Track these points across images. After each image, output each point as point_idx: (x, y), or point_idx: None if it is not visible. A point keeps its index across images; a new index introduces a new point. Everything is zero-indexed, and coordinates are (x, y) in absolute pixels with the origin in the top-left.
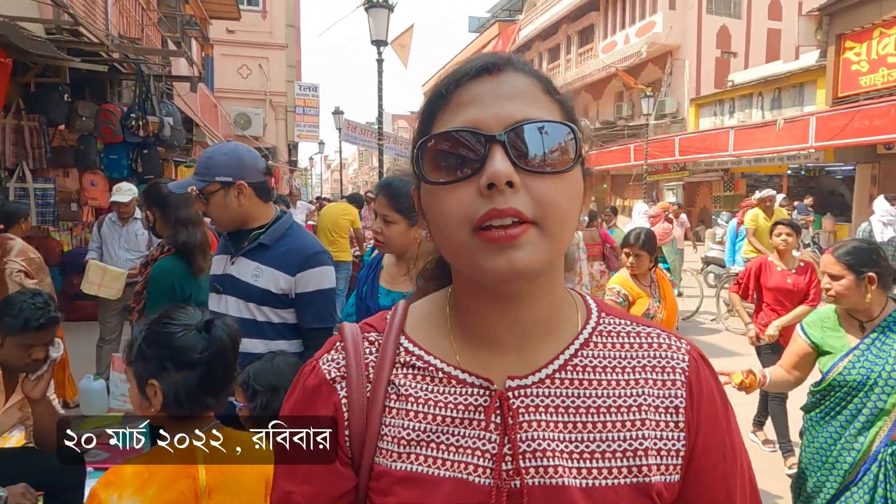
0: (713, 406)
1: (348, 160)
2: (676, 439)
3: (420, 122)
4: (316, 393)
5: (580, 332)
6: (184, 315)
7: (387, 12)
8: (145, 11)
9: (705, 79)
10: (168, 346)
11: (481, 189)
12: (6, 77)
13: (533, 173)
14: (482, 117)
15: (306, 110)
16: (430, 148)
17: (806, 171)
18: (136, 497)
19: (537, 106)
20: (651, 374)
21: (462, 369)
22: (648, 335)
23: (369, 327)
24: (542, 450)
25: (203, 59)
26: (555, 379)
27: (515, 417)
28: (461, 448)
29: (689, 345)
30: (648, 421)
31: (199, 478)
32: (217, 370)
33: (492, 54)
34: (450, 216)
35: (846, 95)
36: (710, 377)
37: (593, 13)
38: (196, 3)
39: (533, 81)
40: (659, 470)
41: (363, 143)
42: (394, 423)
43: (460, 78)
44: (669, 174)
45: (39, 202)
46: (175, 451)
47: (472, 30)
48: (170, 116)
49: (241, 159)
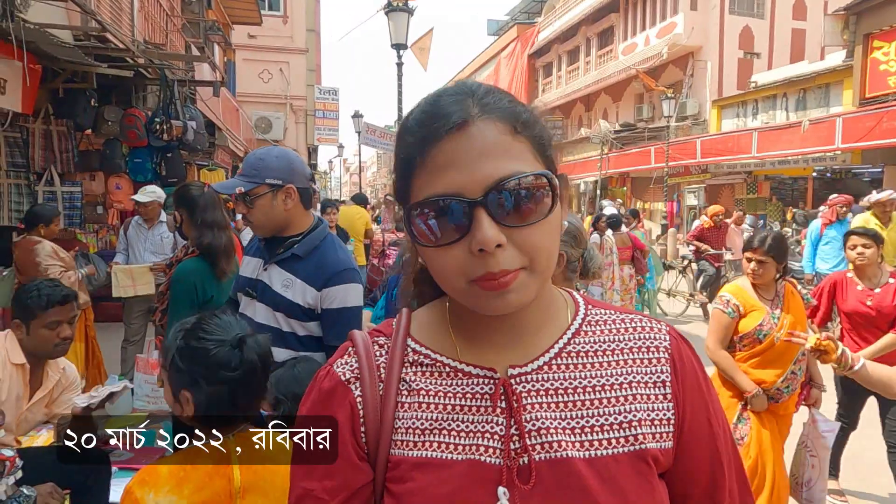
0: (695, 378)
1: (367, 163)
2: (666, 409)
3: (397, 181)
4: (332, 394)
5: (571, 323)
6: (219, 328)
7: (407, 16)
8: (170, 17)
9: (727, 80)
10: (202, 362)
11: (472, 251)
12: (36, 83)
13: (518, 228)
14: (461, 182)
15: (326, 114)
16: (415, 214)
17: (832, 173)
18: (172, 496)
19: (510, 156)
20: (638, 354)
21: (466, 363)
22: (632, 321)
23: (378, 332)
24: (545, 427)
25: (225, 64)
26: (552, 365)
27: (520, 401)
28: (471, 433)
29: (669, 326)
30: (639, 395)
31: (234, 478)
32: (247, 387)
33: (455, 99)
34: (447, 271)
35: (874, 96)
36: (689, 353)
37: (613, 15)
38: (219, 9)
39: (500, 127)
40: (654, 438)
41: (382, 147)
42: (407, 416)
43: (430, 140)
44: (691, 177)
45: (67, 205)
46: (210, 452)
47: (491, 33)
48: (193, 120)
49: (291, 163)
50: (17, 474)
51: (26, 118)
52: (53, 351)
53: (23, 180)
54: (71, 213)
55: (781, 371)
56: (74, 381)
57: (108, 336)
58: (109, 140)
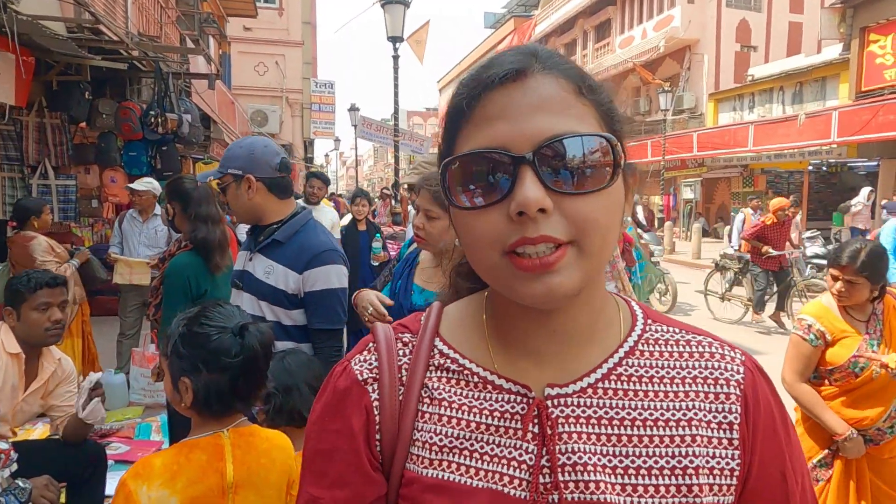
0: (771, 421)
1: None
2: (730, 458)
3: (443, 139)
4: (347, 395)
5: (625, 339)
6: (221, 315)
7: (403, 8)
8: (164, 9)
9: (724, 73)
10: (203, 347)
11: (512, 215)
12: (29, 75)
13: (568, 195)
14: (509, 135)
15: (322, 107)
16: (454, 170)
17: (828, 166)
18: (165, 489)
19: (569, 115)
20: (703, 387)
21: (499, 375)
22: (700, 343)
23: (403, 328)
24: (582, 463)
25: (220, 57)
26: (597, 388)
27: (554, 427)
28: (496, 457)
29: (745, 355)
30: (699, 437)
31: (227, 473)
32: (247, 375)
33: (515, 53)
34: (480, 241)
35: (870, 89)
36: (767, 390)
37: (610, 8)
38: (214, 1)
39: (563, 83)
40: (711, 490)
41: (379, 140)
42: (426, 429)
43: (482, 89)
44: (687, 170)
45: (61, 199)
46: (204, 446)
47: (488, 25)
48: (188, 113)
49: (252, 153)
50: (13, 467)
51: (20, 111)
52: (45, 336)
53: (17, 174)
54: (66, 207)
55: (884, 408)
56: (71, 374)
57: (103, 330)
58: (104, 133)
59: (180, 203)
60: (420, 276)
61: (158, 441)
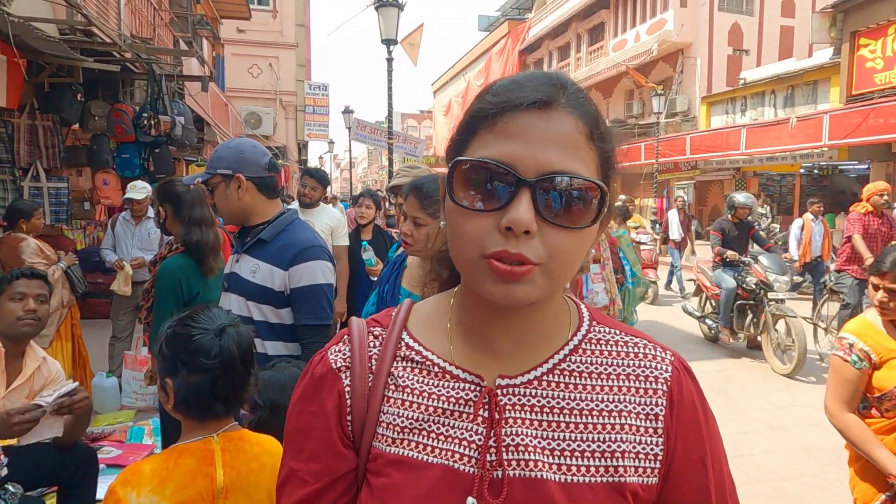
0: (694, 414)
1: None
2: (654, 444)
3: (459, 133)
4: (322, 380)
5: (570, 338)
6: (206, 317)
7: (397, 11)
8: (157, 11)
9: (717, 77)
10: (183, 348)
11: (500, 227)
12: (20, 77)
13: (551, 224)
14: (520, 156)
15: (316, 109)
16: (464, 170)
17: (819, 169)
18: (154, 495)
19: (575, 157)
20: (634, 383)
21: (456, 365)
22: (636, 345)
23: (375, 322)
24: (524, 445)
25: (214, 59)
26: (542, 381)
27: (502, 413)
28: (449, 437)
29: (675, 355)
30: (627, 425)
31: (217, 478)
32: (226, 377)
33: (547, 82)
34: (466, 238)
35: (861, 93)
36: (691, 387)
37: (603, 11)
38: (207, 3)
39: (579, 125)
40: (636, 472)
41: (373, 143)
42: (391, 412)
43: (509, 107)
44: (680, 173)
45: (53, 201)
46: (193, 451)
47: (482, 28)
48: (181, 116)
49: (241, 153)
50: (2, 472)
51: (11, 113)
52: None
53: (8, 176)
54: (57, 210)
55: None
56: (58, 375)
57: (95, 333)
58: (96, 135)
59: (172, 206)
60: (407, 280)
61: (150, 445)
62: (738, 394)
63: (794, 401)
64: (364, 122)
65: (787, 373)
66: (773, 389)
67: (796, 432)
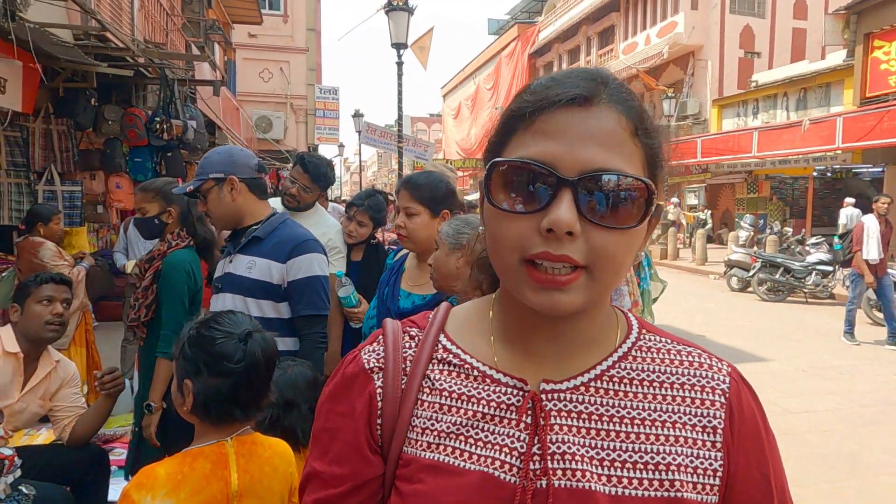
0: (754, 429)
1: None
2: (713, 459)
3: (496, 134)
4: (354, 380)
5: (619, 345)
6: (230, 322)
7: (407, 15)
8: (170, 17)
9: (728, 80)
10: (207, 350)
11: (541, 229)
12: (36, 82)
13: (596, 225)
14: (560, 155)
15: (326, 113)
16: (502, 171)
17: (833, 172)
18: (170, 499)
19: (619, 153)
20: (689, 392)
21: (498, 369)
22: (689, 354)
23: (412, 323)
24: (570, 453)
25: (225, 63)
26: (590, 387)
27: (547, 419)
28: (490, 444)
29: (731, 367)
30: (682, 437)
31: (232, 481)
32: (248, 384)
33: (587, 78)
34: (505, 242)
35: (875, 95)
36: (751, 400)
37: (614, 14)
38: (219, 8)
39: (622, 121)
40: (695, 488)
41: (383, 146)
42: (425, 415)
43: (547, 105)
44: (691, 176)
45: (67, 204)
46: (208, 454)
47: (492, 32)
48: (193, 120)
49: (231, 156)
50: (16, 473)
51: (26, 117)
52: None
53: (23, 179)
54: (71, 213)
55: None
56: (74, 377)
57: (107, 336)
58: (110, 139)
59: (180, 206)
60: (406, 282)
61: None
62: None
63: (807, 406)
64: (374, 126)
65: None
66: (785, 395)
67: (810, 438)
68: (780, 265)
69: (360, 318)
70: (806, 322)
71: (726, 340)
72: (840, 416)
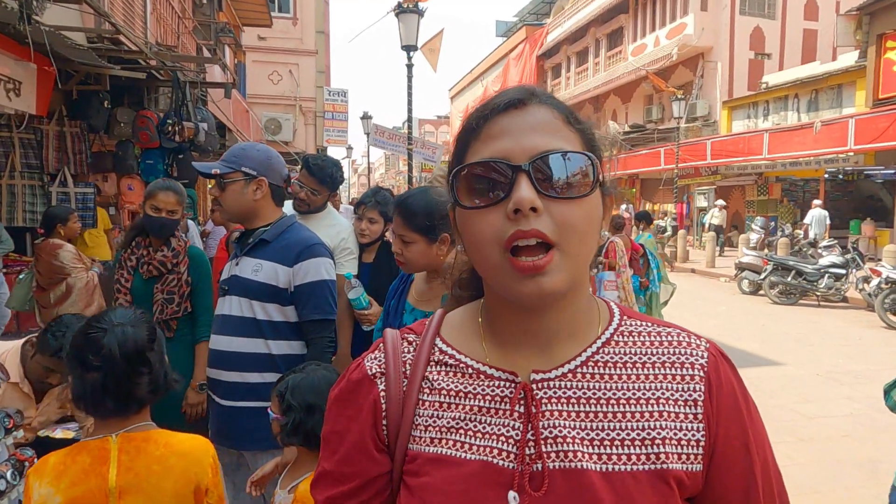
0: (733, 400)
1: (375, 164)
2: (696, 430)
3: (455, 151)
4: (359, 385)
5: (602, 332)
6: (117, 315)
7: (417, 17)
8: (181, 20)
9: (738, 81)
10: (75, 344)
11: (508, 213)
12: (51, 85)
13: (554, 199)
14: (510, 148)
15: (335, 115)
16: (463, 176)
17: (844, 174)
18: (50, 487)
19: (559, 137)
20: (670, 370)
21: (490, 365)
22: (669, 334)
23: (409, 331)
24: (562, 436)
25: (236, 66)
26: (577, 373)
27: (538, 407)
28: (487, 434)
29: (709, 342)
30: (667, 413)
31: (109, 477)
32: (113, 378)
33: (518, 89)
34: (481, 237)
35: (888, 97)
36: (729, 372)
37: (622, 16)
38: (229, 11)
39: (555, 113)
40: (679, 459)
41: (391, 148)
42: (426, 414)
43: (489, 112)
44: (701, 178)
45: (80, 206)
46: (90, 449)
47: (500, 34)
48: (204, 122)
49: (269, 159)
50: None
51: (40, 120)
52: (38, 387)
53: (37, 181)
54: (84, 215)
55: None
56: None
57: None
58: (122, 141)
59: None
60: (413, 296)
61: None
62: (766, 402)
63: (822, 411)
64: (383, 128)
65: None
66: (802, 400)
67: (828, 444)
68: (792, 268)
69: (370, 321)
70: (820, 326)
71: (741, 345)
72: (858, 421)
